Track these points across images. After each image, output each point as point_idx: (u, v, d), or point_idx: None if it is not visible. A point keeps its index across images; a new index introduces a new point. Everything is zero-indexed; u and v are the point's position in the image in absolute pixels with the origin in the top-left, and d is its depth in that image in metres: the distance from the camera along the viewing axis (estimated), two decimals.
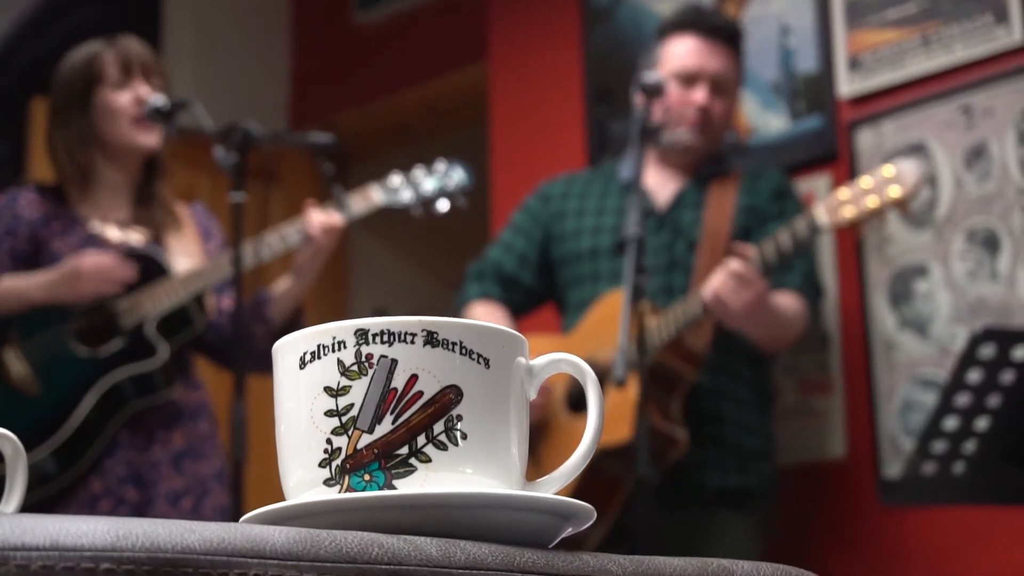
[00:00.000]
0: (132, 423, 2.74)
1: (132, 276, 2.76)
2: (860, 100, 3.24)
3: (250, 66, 5.03)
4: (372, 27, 4.93)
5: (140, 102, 2.80)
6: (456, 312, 3.05)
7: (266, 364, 0.84)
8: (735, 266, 2.66)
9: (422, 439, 0.74)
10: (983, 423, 2.25)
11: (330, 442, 0.74)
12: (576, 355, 0.80)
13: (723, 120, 2.98)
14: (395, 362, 0.74)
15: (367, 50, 4.92)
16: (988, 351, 2.20)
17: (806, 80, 3.37)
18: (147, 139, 2.83)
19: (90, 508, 2.66)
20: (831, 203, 2.69)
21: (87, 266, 2.71)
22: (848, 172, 3.17)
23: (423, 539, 0.68)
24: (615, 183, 3.03)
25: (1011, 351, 2.20)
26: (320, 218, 2.82)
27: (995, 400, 2.23)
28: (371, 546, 0.66)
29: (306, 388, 0.75)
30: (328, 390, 0.75)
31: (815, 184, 3.27)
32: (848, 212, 2.66)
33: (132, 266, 2.76)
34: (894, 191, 2.63)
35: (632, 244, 2.46)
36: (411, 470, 0.74)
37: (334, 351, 0.75)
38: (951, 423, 2.25)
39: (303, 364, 0.76)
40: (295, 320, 2.87)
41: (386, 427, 0.74)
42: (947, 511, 2.91)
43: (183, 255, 2.86)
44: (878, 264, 3.14)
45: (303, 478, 0.75)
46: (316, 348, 0.75)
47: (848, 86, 3.26)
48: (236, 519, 0.78)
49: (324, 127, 4.58)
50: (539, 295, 3.10)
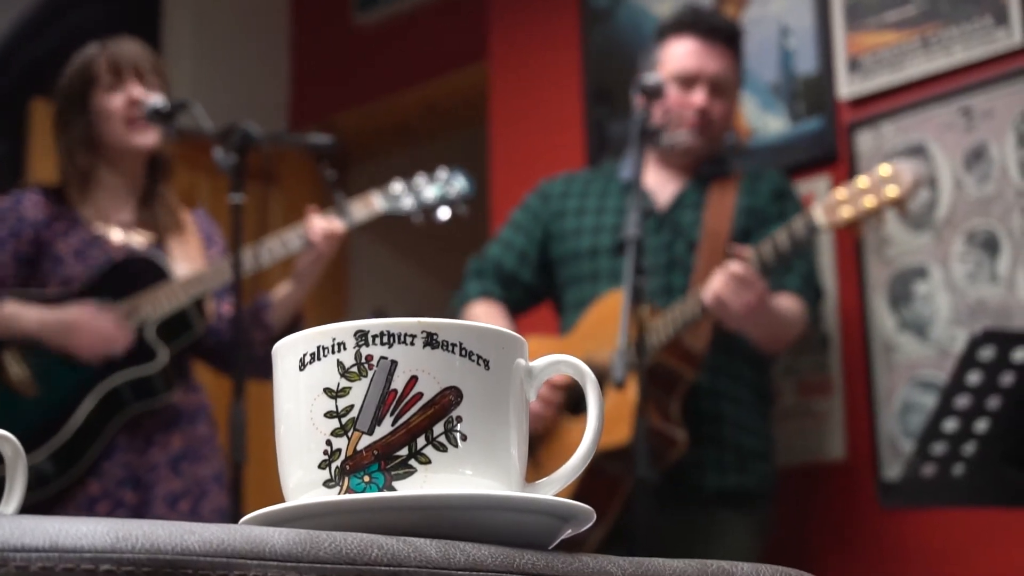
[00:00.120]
0: (130, 426, 2.74)
1: (127, 344, 2.70)
2: (860, 102, 3.24)
3: (249, 66, 5.03)
4: (372, 27, 4.93)
5: (133, 103, 2.80)
6: (455, 310, 3.05)
7: (265, 369, 0.84)
8: (735, 268, 2.66)
9: (422, 440, 0.74)
10: (983, 425, 2.25)
11: (330, 443, 0.74)
12: (575, 356, 0.80)
13: (722, 121, 2.98)
14: (395, 363, 0.74)
15: (367, 50, 4.92)
16: (988, 353, 2.20)
17: (806, 82, 3.37)
18: (142, 139, 2.82)
19: (88, 510, 2.66)
20: (829, 203, 2.69)
21: (84, 321, 2.67)
22: (848, 174, 3.17)
23: (423, 540, 0.68)
24: (615, 183, 3.03)
25: (1011, 353, 2.20)
26: (321, 224, 2.81)
27: (995, 402, 2.23)
28: (371, 547, 0.65)
29: (306, 389, 0.75)
30: (328, 391, 0.75)
31: (815, 186, 3.27)
32: (846, 212, 2.66)
33: (129, 335, 2.71)
34: (891, 191, 2.63)
35: (631, 245, 2.46)
36: (411, 471, 0.74)
37: (334, 352, 0.75)
38: (951, 425, 2.25)
39: (303, 365, 0.76)
40: (294, 326, 2.86)
41: (386, 428, 0.74)
42: (946, 513, 2.91)
43: (184, 260, 2.86)
44: (878, 266, 3.14)
45: (303, 479, 0.75)
46: (316, 349, 0.75)
47: (848, 88, 3.26)
48: (235, 521, 0.78)
49: (324, 127, 4.58)
50: (538, 293, 3.10)
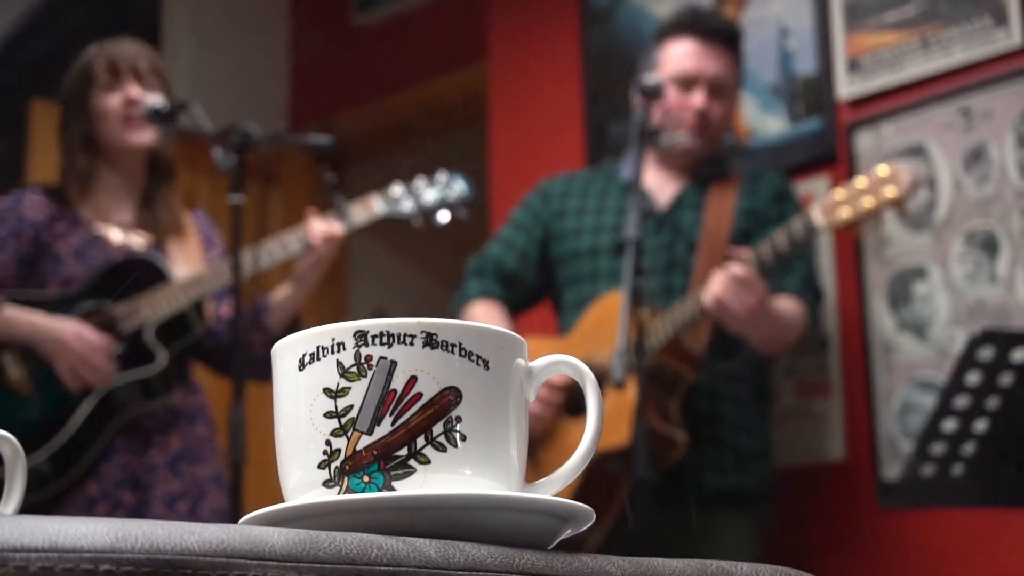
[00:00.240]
0: (129, 427, 2.74)
1: (108, 381, 2.67)
2: (859, 102, 3.24)
3: (249, 66, 5.03)
4: (371, 28, 4.93)
5: (130, 102, 2.80)
6: (455, 309, 3.05)
7: (263, 372, 0.84)
8: (736, 270, 2.66)
9: (421, 441, 0.74)
10: (982, 425, 2.25)
11: (329, 443, 0.74)
12: (575, 357, 0.80)
13: (722, 123, 2.98)
14: (394, 363, 0.74)
15: (366, 51, 4.92)
16: (987, 353, 2.20)
17: (805, 82, 3.37)
18: (139, 137, 2.82)
19: (87, 512, 2.65)
20: (827, 204, 2.69)
21: (74, 346, 2.64)
22: (847, 174, 3.17)
23: (422, 540, 0.68)
24: (616, 183, 3.03)
25: (1010, 353, 2.20)
26: (321, 227, 2.81)
27: (994, 402, 2.23)
28: (370, 547, 0.65)
29: (305, 390, 0.75)
30: (327, 392, 0.75)
31: (814, 186, 3.27)
32: (844, 213, 2.66)
33: (112, 372, 2.67)
34: (890, 191, 2.63)
35: (631, 246, 2.46)
36: (410, 471, 0.74)
37: (333, 353, 0.75)
38: (950, 425, 2.25)
39: (302, 366, 0.76)
40: (293, 329, 2.85)
41: (385, 429, 0.74)
42: (946, 513, 2.91)
43: (184, 262, 2.85)
44: (877, 266, 3.14)
45: (302, 479, 0.75)
46: (315, 350, 0.75)
47: (847, 88, 3.26)
48: (234, 522, 0.78)
49: (323, 128, 4.58)
50: (539, 293, 3.10)
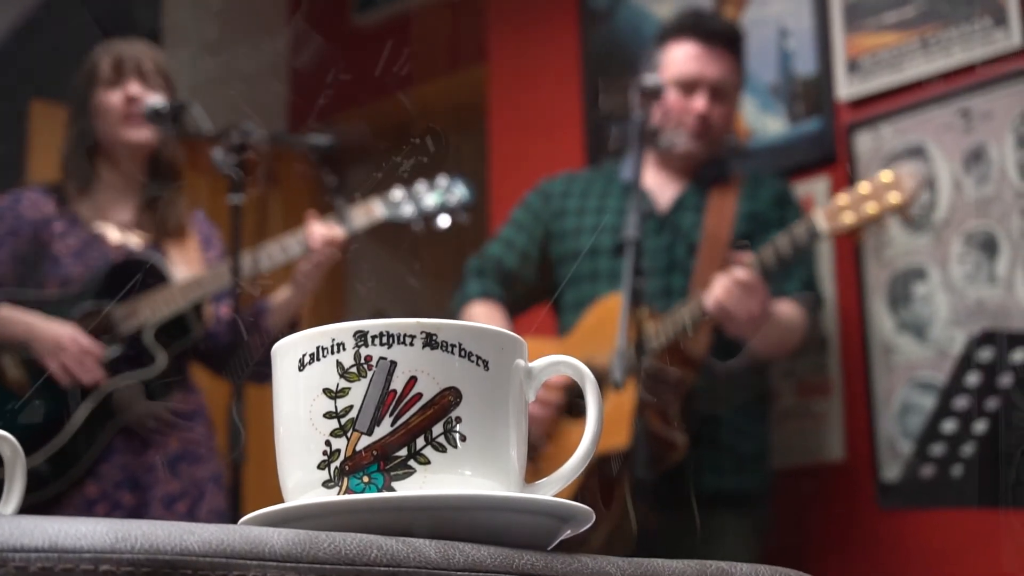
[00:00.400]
0: (128, 427, 2.74)
1: (100, 378, 2.67)
2: (859, 103, 3.24)
3: (249, 67, 5.02)
4: (371, 28, 4.93)
5: (131, 100, 2.79)
6: (455, 309, 3.04)
7: (262, 374, 0.84)
8: (740, 274, 2.65)
9: (421, 441, 0.74)
10: (981, 426, 2.25)
11: (329, 444, 0.74)
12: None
13: (723, 126, 2.98)
14: (394, 364, 0.74)
15: (366, 51, 4.91)
16: (986, 354, 2.20)
17: (805, 83, 3.37)
18: (136, 134, 2.81)
19: (86, 512, 2.65)
20: (831, 209, 2.68)
21: (71, 340, 2.64)
22: (847, 175, 3.17)
23: (422, 541, 0.68)
24: (616, 183, 3.03)
25: (1009, 354, 2.20)
26: (322, 231, 2.81)
27: (993, 403, 2.23)
28: (370, 548, 0.65)
29: (305, 390, 0.75)
30: (327, 392, 0.75)
31: (814, 187, 3.26)
32: (848, 218, 2.66)
33: (100, 371, 2.66)
34: (894, 197, 2.62)
35: (630, 246, 2.46)
36: (410, 472, 0.74)
37: (333, 353, 0.75)
38: (949, 426, 2.25)
39: (302, 366, 0.76)
40: (292, 332, 2.85)
41: (385, 429, 0.74)
42: (945, 514, 2.91)
43: (182, 262, 2.85)
44: (876, 267, 3.14)
45: (302, 480, 0.75)
46: (315, 350, 0.75)
47: (847, 89, 3.26)
48: (234, 522, 0.78)
49: (323, 129, 4.57)
50: (539, 293, 3.09)
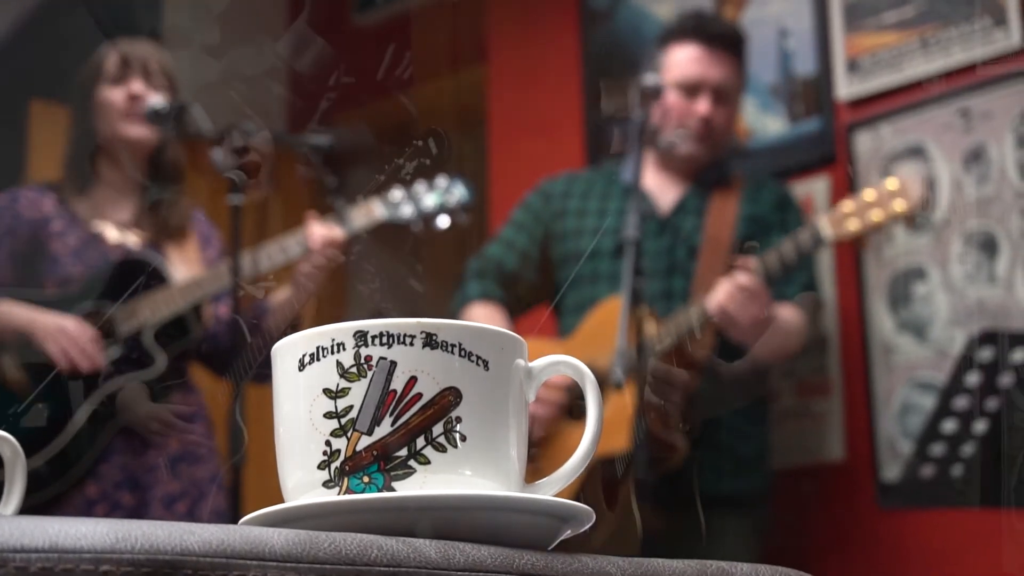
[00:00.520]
0: (128, 428, 2.74)
1: (99, 363, 2.65)
2: (858, 103, 3.24)
3: (250, 67, 5.02)
4: (371, 28, 4.92)
5: (132, 98, 2.80)
6: (455, 311, 3.04)
7: (261, 375, 0.84)
8: (742, 279, 2.64)
9: (421, 441, 0.74)
10: (981, 426, 2.25)
11: (329, 444, 0.74)
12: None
13: (725, 128, 2.97)
14: (394, 364, 0.74)
15: (366, 51, 4.91)
16: (986, 354, 2.20)
17: (804, 83, 3.37)
18: (135, 131, 2.81)
19: (86, 513, 2.65)
20: (835, 216, 2.68)
21: (74, 327, 2.63)
22: (846, 175, 3.17)
23: (422, 541, 0.68)
24: (617, 184, 3.02)
25: (1009, 354, 2.20)
26: (322, 232, 2.81)
27: (993, 403, 2.23)
28: (370, 548, 0.65)
29: (305, 390, 0.75)
30: (327, 392, 0.75)
31: (814, 187, 3.26)
32: (852, 225, 2.65)
33: (100, 360, 2.66)
34: (899, 205, 2.62)
35: (630, 247, 2.45)
36: (410, 472, 0.73)
37: (333, 353, 0.75)
38: (949, 426, 2.25)
39: (302, 366, 0.76)
40: (291, 332, 2.84)
41: (385, 429, 0.74)
42: (945, 514, 2.91)
43: (181, 262, 2.85)
44: (876, 267, 3.14)
45: (302, 480, 0.75)
46: (315, 350, 0.75)
47: (846, 89, 3.26)
48: (234, 522, 0.78)
49: (323, 129, 4.57)
50: (539, 294, 3.09)
